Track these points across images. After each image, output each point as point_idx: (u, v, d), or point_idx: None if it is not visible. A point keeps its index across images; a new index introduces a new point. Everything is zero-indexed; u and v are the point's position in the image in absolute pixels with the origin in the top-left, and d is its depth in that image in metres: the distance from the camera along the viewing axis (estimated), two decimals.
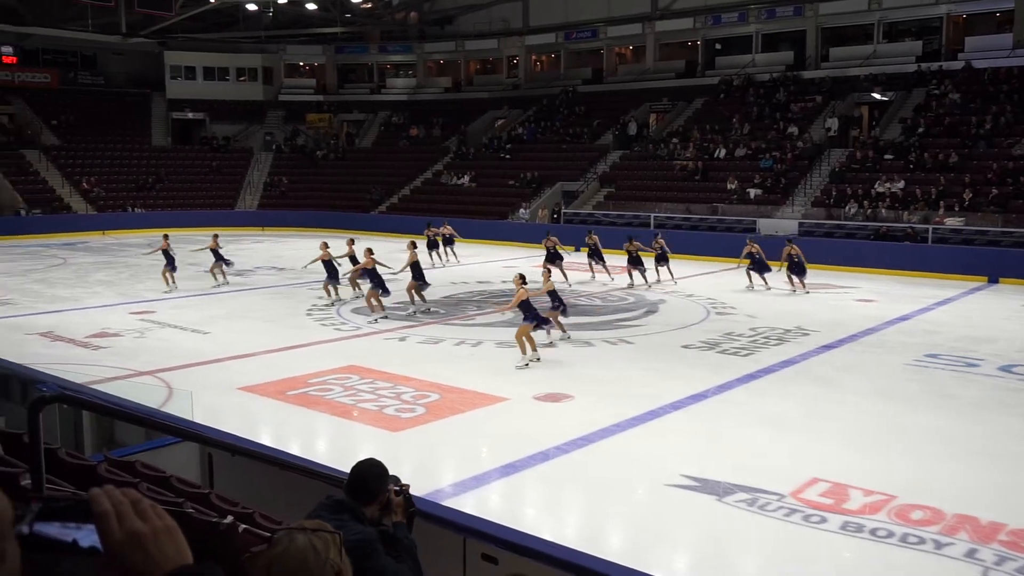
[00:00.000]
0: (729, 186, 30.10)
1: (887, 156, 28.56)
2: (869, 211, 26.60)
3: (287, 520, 4.09)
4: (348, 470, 3.49)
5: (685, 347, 14.32)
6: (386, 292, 16.89)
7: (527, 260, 26.85)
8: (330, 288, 18.72)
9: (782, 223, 27.58)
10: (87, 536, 1.26)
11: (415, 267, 17.75)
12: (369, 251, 17.32)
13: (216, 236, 22.13)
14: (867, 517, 7.42)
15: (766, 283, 20.77)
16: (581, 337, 15.09)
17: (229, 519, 3.60)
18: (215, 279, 21.08)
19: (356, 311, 17.56)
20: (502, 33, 44.58)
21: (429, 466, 9.02)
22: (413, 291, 17.78)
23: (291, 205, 39.87)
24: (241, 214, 39.18)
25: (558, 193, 34.45)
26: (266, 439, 9.01)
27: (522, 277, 13.89)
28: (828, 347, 14.36)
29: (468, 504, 7.36)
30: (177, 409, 8.92)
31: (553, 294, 14.66)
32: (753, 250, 20.70)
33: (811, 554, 6.92)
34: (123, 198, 38.42)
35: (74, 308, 17.95)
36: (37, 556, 1.23)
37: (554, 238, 23.86)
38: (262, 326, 16.10)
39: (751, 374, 12.49)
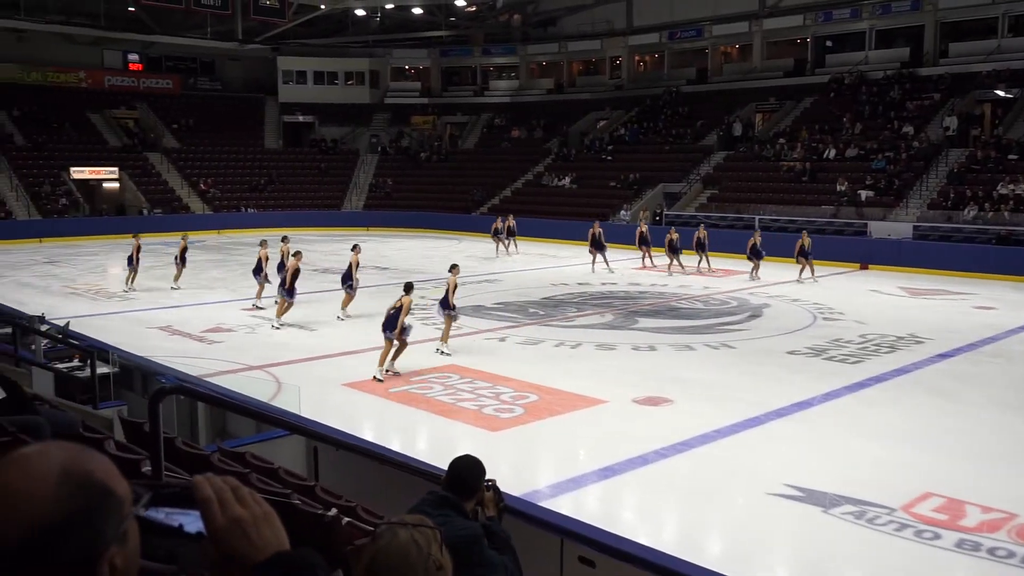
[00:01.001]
0: (839, 188, 29.15)
1: (1011, 156, 27.13)
2: (990, 214, 25.33)
3: (388, 514, 4.19)
4: (446, 467, 3.55)
5: (790, 353, 13.94)
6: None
7: (629, 262, 26.66)
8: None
9: (895, 226, 26.54)
10: (193, 522, 1.32)
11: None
12: (297, 254, 16.75)
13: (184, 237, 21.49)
14: (985, 535, 7.07)
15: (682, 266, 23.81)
16: (681, 341, 14.88)
17: (333, 512, 3.71)
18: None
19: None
20: (605, 34, 44.37)
21: (526, 466, 9.05)
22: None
23: (395, 206, 40.67)
24: (347, 214, 40.22)
25: (660, 194, 34.06)
26: (368, 435, 9.22)
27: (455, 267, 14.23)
28: (944, 356, 13.75)
29: (565, 506, 7.36)
30: (285, 403, 9.22)
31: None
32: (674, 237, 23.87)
33: (922, 571, 6.64)
34: (237, 198, 39.98)
35: (191, 304, 18.76)
36: (151, 539, 1.29)
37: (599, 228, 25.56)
38: (366, 324, 16.45)
39: (860, 383, 12.07)
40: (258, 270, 18.69)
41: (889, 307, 18.54)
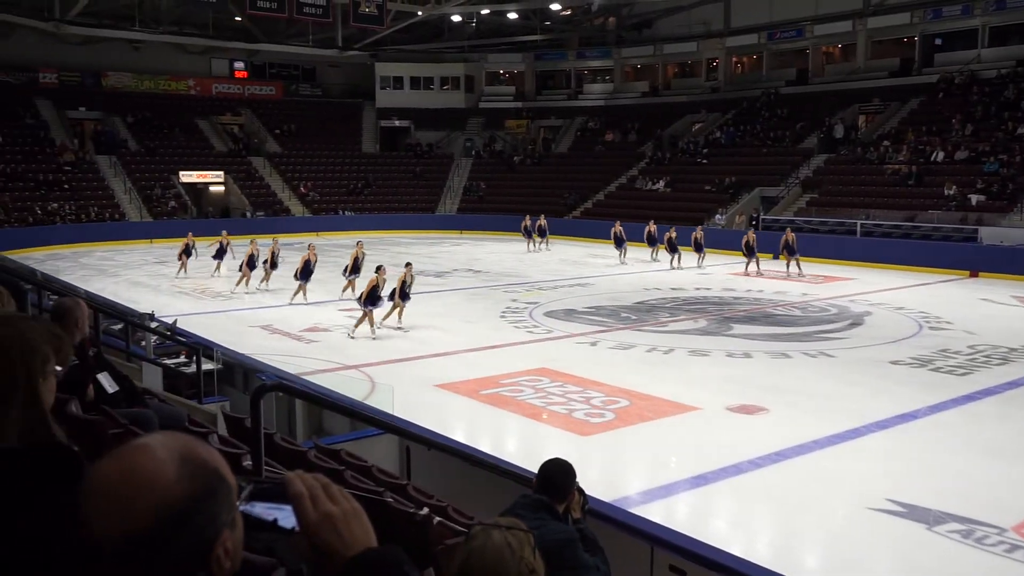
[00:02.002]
0: (947, 191, 27.98)
1: None
2: None
3: (477, 515, 4.21)
4: (536, 470, 3.54)
5: (893, 363, 13.44)
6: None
7: (725, 267, 26.21)
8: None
9: (1008, 232, 25.30)
10: (287, 517, 1.36)
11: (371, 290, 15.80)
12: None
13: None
14: None
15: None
16: (777, 348, 14.52)
17: (425, 511, 3.75)
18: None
19: (548, 314, 17.79)
20: (702, 35, 43.73)
21: (616, 472, 8.99)
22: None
23: (488, 209, 40.97)
24: (441, 217, 40.75)
25: (757, 198, 33.36)
26: (459, 435, 9.30)
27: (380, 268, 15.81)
28: None
29: (655, 513, 7.26)
30: (379, 403, 9.38)
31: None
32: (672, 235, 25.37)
33: None
34: (335, 201, 40.97)
35: (289, 304, 19.32)
36: (250, 532, 1.33)
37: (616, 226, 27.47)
38: (459, 326, 16.64)
39: (968, 395, 11.54)
40: (355, 270, 19.39)
41: (1001, 317, 17.69)
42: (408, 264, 16.96)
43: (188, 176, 39.09)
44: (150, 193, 37.28)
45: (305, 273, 19.37)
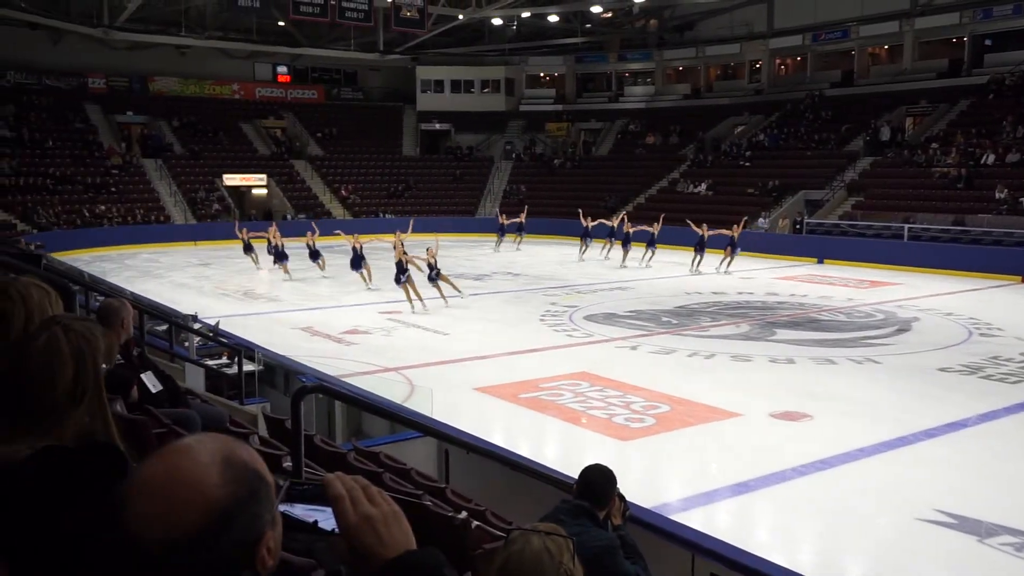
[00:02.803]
0: (998, 195, 27.39)
1: None
2: None
3: (516, 519, 4.20)
4: (576, 475, 3.52)
5: (942, 370, 13.18)
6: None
7: (768, 271, 25.92)
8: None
9: None
10: (327, 519, 1.36)
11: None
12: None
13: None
14: None
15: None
16: (822, 354, 14.32)
17: (463, 515, 3.74)
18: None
19: (588, 318, 17.74)
20: (745, 37, 43.34)
21: (657, 478, 8.92)
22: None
23: (529, 212, 40.96)
24: (481, 220, 40.78)
25: (800, 202, 32.94)
26: (498, 439, 9.30)
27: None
28: None
29: (696, 520, 7.18)
30: (418, 405, 9.42)
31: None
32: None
33: None
34: (375, 204, 41.28)
35: (330, 306, 19.50)
36: (289, 534, 1.33)
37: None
38: (499, 329, 16.67)
39: (1021, 403, 11.27)
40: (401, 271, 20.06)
41: None
42: (428, 249, 19.24)
43: (231, 179, 39.66)
44: (194, 196, 37.89)
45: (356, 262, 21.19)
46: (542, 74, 49.83)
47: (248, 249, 26.14)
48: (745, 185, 35.46)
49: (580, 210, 30.74)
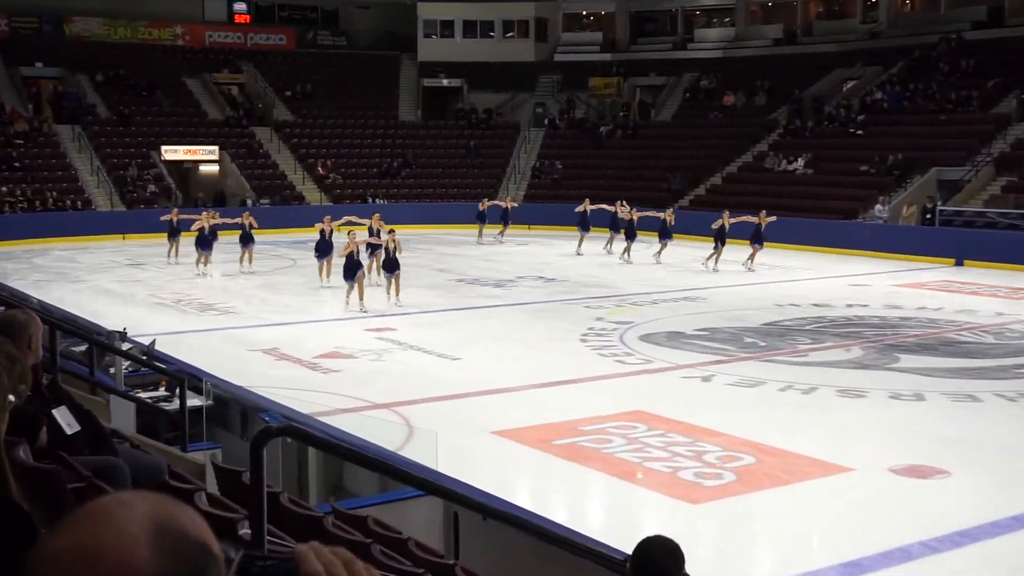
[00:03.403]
0: None
1: None
2: None
3: None
4: (630, 549, 3.50)
5: None
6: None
7: (888, 276, 25.75)
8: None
9: None
10: None
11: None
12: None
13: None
14: None
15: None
16: (961, 387, 14.19)
17: None
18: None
19: (646, 338, 17.70)
20: None
21: (738, 553, 8.87)
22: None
23: (565, 196, 40.83)
24: (503, 208, 40.76)
25: (932, 183, 32.73)
26: (524, 500, 9.28)
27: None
28: None
29: None
30: (418, 454, 9.42)
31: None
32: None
33: None
34: (363, 186, 41.51)
35: (303, 321, 19.55)
36: None
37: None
38: (525, 352, 16.64)
39: None
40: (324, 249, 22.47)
41: None
42: (391, 231, 20.73)
43: (173, 152, 39.99)
44: (123, 174, 38.21)
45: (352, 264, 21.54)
46: (584, 12, 49.92)
47: (173, 234, 27.43)
48: (856, 160, 35.31)
49: (620, 201, 31.35)
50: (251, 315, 20.19)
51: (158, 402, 10.04)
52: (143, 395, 10.10)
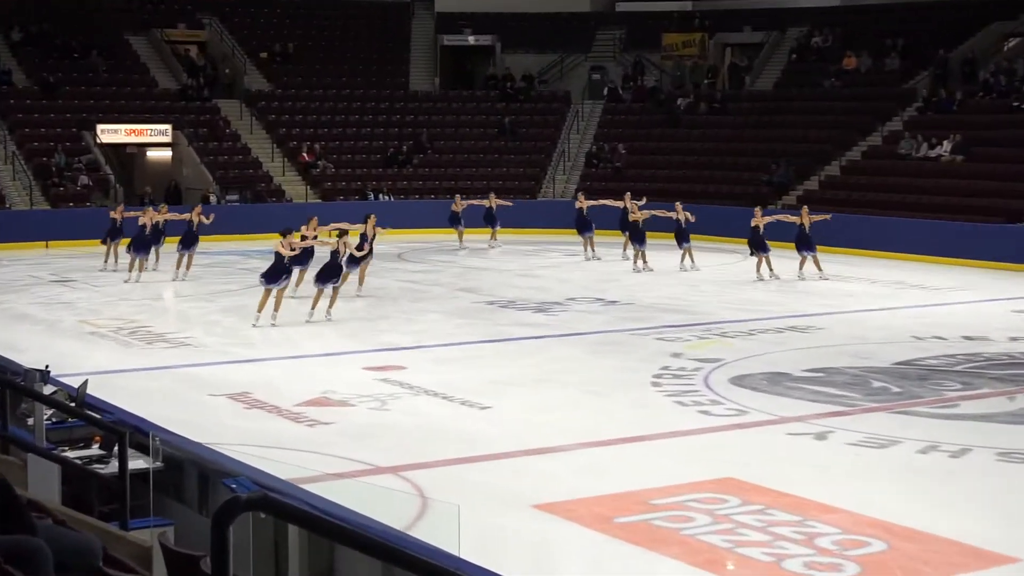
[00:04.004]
0: None
1: None
2: None
3: None
4: None
5: None
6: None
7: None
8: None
9: None
10: None
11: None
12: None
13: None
14: None
15: None
16: None
17: None
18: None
19: (738, 381, 17.60)
20: None
21: None
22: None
23: (630, 191, 40.75)
24: (546, 206, 40.67)
25: None
26: None
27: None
28: None
29: None
30: (434, 534, 9.39)
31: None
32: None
33: None
34: (361, 178, 41.59)
35: (281, 356, 19.60)
36: None
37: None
38: (577, 399, 16.57)
39: None
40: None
41: None
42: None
43: (112, 133, 40.24)
44: (47, 162, 38.43)
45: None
46: None
47: (114, 235, 28.53)
48: (1022, 144, 34.99)
49: (678, 204, 31.62)
50: (214, 348, 20.25)
51: (90, 464, 10.05)
52: (71, 454, 10.12)
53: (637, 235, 29.95)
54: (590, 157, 43.12)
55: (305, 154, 41.75)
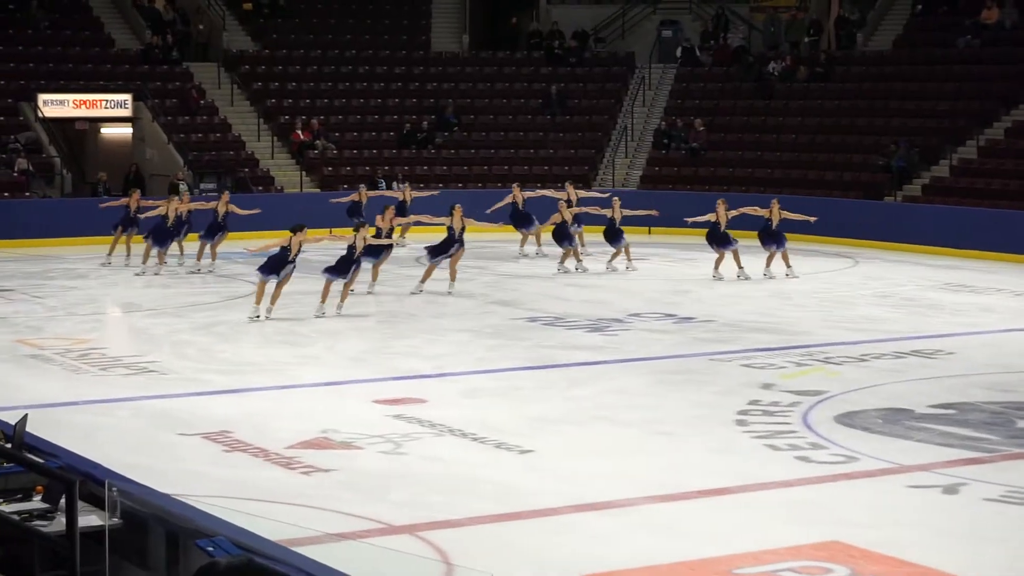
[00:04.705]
0: None
1: None
2: None
3: None
4: None
5: None
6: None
7: None
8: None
9: None
10: None
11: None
12: None
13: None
14: None
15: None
16: None
17: None
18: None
19: (844, 420, 17.56)
20: None
21: None
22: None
23: (710, 178, 40.88)
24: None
25: None
26: None
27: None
28: None
29: None
30: None
31: None
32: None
33: None
34: (369, 161, 41.82)
35: (269, 386, 19.72)
36: None
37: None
38: (641, 441, 16.60)
39: None
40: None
41: None
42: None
43: (56, 104, 40.55)
44: None
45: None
46: None
47: (127, 225, 30.15)
48: None
49: (775, 201, 31.74)
50: (186, 375, 20.34)
51: (31, 520, 10.14)
52: (6, 508, 10.21)
53: (615, 234, 31.30)
54: (659, 136, 43.14)
55: (300, 132, 41.86)
